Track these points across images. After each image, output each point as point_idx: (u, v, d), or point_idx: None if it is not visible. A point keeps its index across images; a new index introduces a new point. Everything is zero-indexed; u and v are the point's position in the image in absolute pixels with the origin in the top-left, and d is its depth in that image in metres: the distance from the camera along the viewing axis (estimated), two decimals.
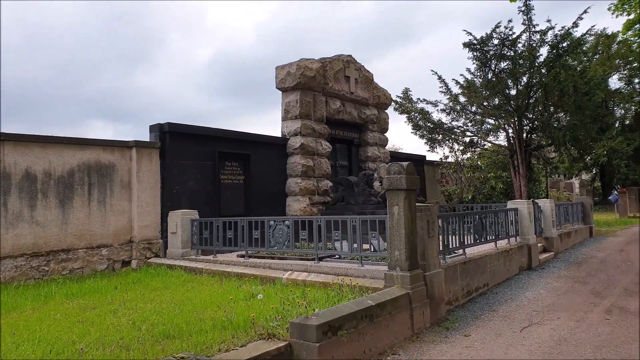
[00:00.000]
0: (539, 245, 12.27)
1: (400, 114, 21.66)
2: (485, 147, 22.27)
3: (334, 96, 14.75)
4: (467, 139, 21.69)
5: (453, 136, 21.51)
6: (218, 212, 11.48)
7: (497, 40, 18.10)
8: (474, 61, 18.71)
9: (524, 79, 18.64)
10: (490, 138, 21.29)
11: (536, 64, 17.99)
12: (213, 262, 9.38)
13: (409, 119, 21.74)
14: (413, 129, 21.88)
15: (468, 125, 21.41)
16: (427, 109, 21.38)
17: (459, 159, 21.88)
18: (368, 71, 16.25)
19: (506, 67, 18.62)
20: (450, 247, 8.10)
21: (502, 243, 10.36)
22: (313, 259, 8.43)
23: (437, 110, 21.29)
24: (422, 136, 21.94)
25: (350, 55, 15.48)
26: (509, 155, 19.89)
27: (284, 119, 13.87)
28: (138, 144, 10.21)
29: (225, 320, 5.20)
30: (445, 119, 21.13)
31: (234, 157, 12.16)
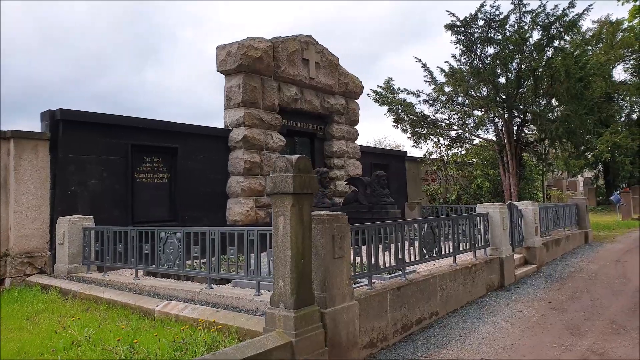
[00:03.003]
0: (519, 256, 10.35)
1: (380, 105, 19.66)
2: (475, 142, 20.27)
3: (288, 82, 12.84)
4: (454, 133, 19.70)
5: (438, 130, 19.52)
6: (131, 218, 9.64)
7: (483, 21, 16.09)
8: (457, 45, 16.70)
9: (514, 65, 16.63)
10: (479, 132, 19.26)
11: (526, 49, 15.97)
12: (98, 282, 7.56)
13: (390, 111, 19.76)
14: (394, 122, 19.91)
15: (454, 118, 19.42)
16: (409, 100, 19.40)
17: (443, 155, 19.89)
18: (332, 54, 14.32)
19: (494, 52, 16.61)
20: (382, 266, 6.22)
21: (467, 257, 8.47)
22: (217, 281, 6.68)
23: (420, 101, 19.29)
24: (404, 130, 19.98)
25: (310, 36, 13.56)
26: (498, 151, 17.89)
27: (227, 107, 11.97)
28: (16, 135, 8.34)
29: None
30: (428, 110, 19.13)
31: (155, 150, 10.29)
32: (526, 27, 16.21)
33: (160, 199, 10.35)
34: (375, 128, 78.96)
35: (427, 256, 7.06)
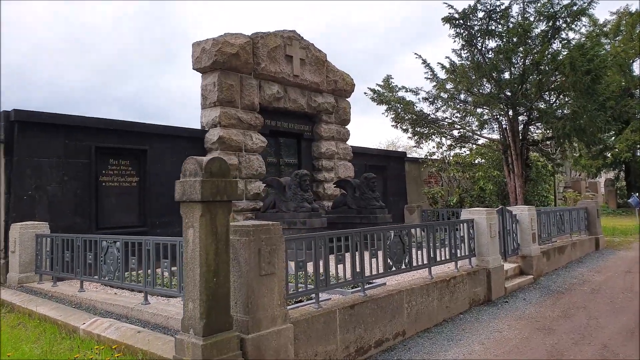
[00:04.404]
0: (514, 266, 9.51)
1: (378, 104, 18.79)
2: (479, 142, 19.29)
3: (270, 79, 12.15)
4: (456, 133, 18.76)
5: (440, 129, 18.60)
6: (95, 224, 9.08)
7: (483, 12, 15.19)
8: (455, 39, 15.81)
9: (518, 60, 15.68)
10: (484, 131, 18.29)
11: (530, 41, 15.01)
12: (44, 293, 7.09)
13: (389, 110, 18.87)
14: (394, 122, 19.03)
15: (456, 117, 18.47)
16: (409, 99, 18.50)
17: (445, 155, 18.96)
18: (319, 50, 13.59)
19: (496, 45, 15.68)
20: (335, 281, 5.50)
21: (448, 267, 7.68)
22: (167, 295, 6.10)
23: (420, 99, 18.39)
24: (404, 130, 19.09)
25: (293, 31, 12.86)
26: (502, 151, 16.93)
27: (203, 106, 11.35)
28: None
29: None
30: (428, 109, 18.20)
31: (122, 153, 9.69)
32: (531, 19, 15.29)
33: (128, 204, 9.75)
34: (387, 129, 77.87)
35: (393, 268, 6.29)
